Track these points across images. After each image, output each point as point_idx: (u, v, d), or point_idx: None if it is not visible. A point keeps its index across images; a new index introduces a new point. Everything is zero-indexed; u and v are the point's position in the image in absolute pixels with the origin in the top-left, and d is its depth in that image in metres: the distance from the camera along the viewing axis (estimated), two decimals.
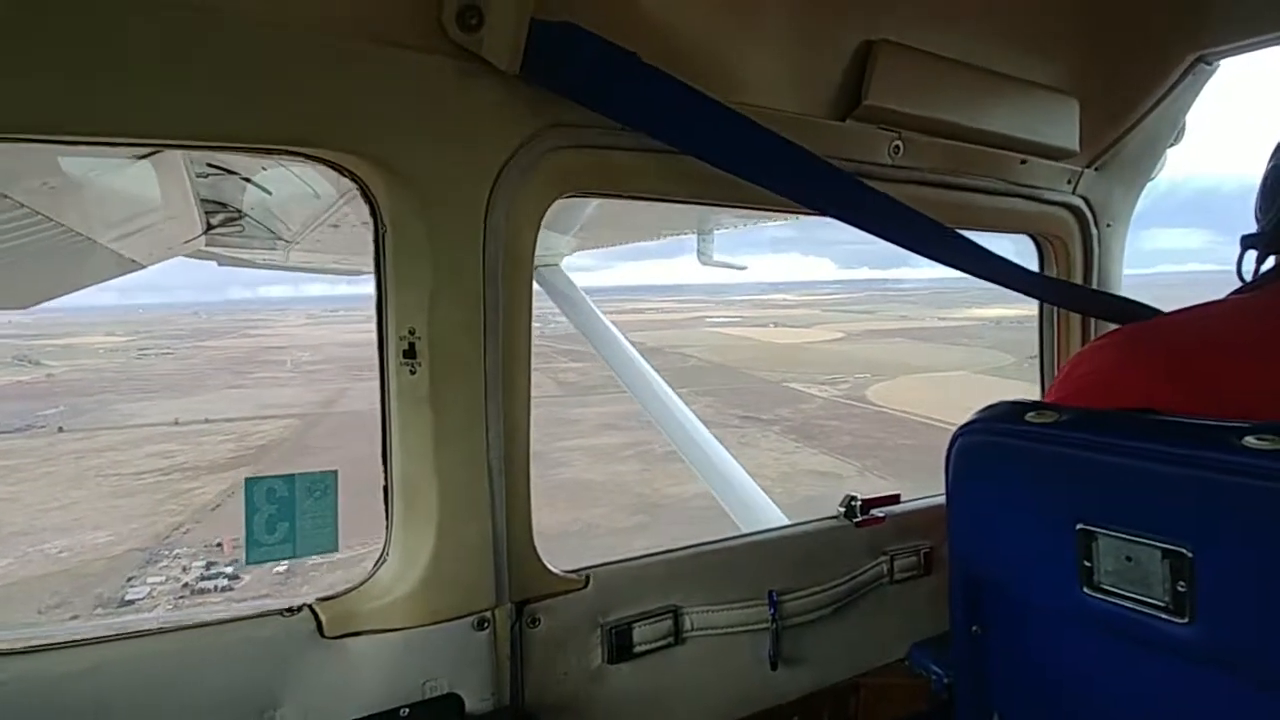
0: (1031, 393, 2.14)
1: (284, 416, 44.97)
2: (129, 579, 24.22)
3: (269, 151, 1.10)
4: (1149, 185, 2.21)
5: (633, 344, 4.34)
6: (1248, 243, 1.34)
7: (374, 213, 1.18)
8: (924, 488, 1.86)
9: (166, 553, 26.05)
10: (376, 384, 1.24)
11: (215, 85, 0.97)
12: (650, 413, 4.14)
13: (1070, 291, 2.00)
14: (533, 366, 1.34)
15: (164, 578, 24.18)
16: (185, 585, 23.53)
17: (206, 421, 44.53)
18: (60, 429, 43.43)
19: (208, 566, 24.71)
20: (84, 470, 35.46)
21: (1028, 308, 2.18)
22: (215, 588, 23.36)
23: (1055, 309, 2.15)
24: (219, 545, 25.92)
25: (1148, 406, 1.09)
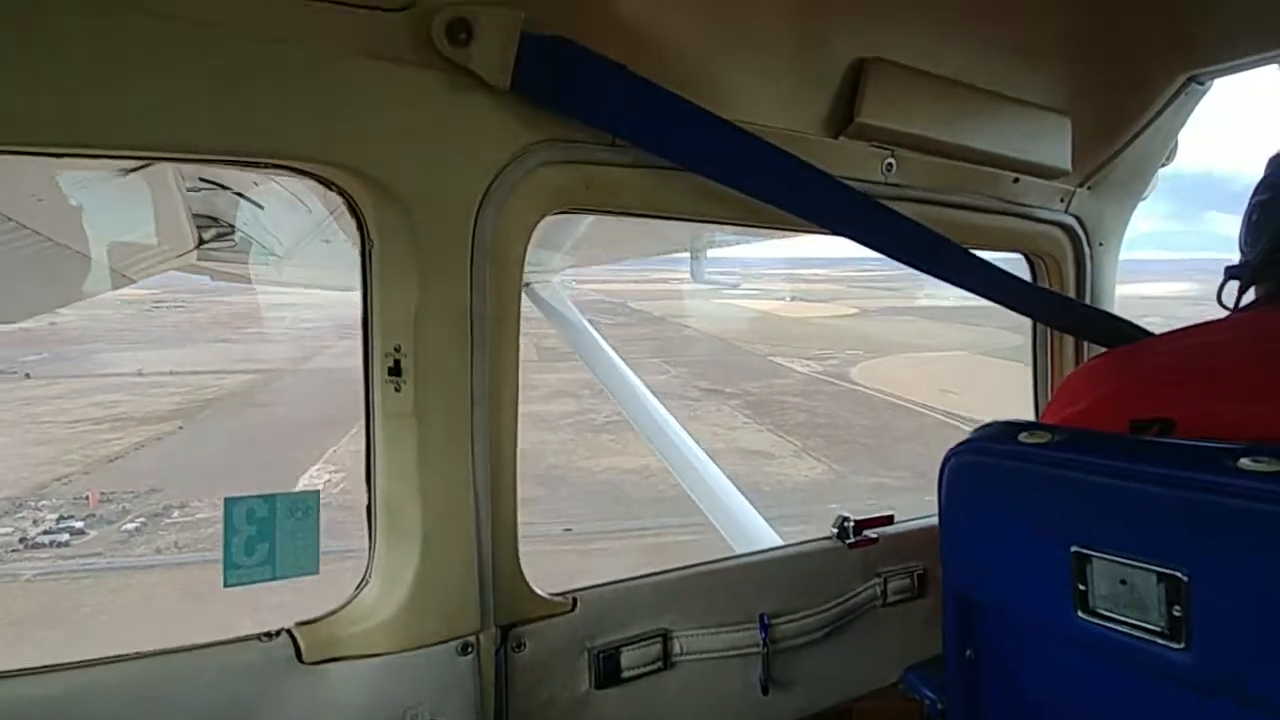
0: (1020, 376, 2.26)
1: (250, 372, 44.88)
2: None
3: (256, 165, 1.12)
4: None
5: (624, 359, 4.37)
6: (1232, 273, 1.39)
7: (361, 227, 1.21)
8: (859, 472, 1.91)
9: (32, 503, 25.98)
10: (358, 344, 1.26)
11: (202, 98, 1.00)
12: (642, 429, 4.16)
13: (1066, 308, 2.02)
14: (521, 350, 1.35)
15: (11, 529, 23.97)
16: (23, 540, 23.30)
17: (170, 374, 44.41)
18: (27, 375, 43.47)
19: (59, 521, 24.50)
20: (23, 416, 35.61)
21: None
22: (52, 543, 23.12)
23: (1049, 329, 2.20)
24: (85, 499, 25.85)
25: (1140, 428, 1.12)
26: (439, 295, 1.23)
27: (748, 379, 46.85)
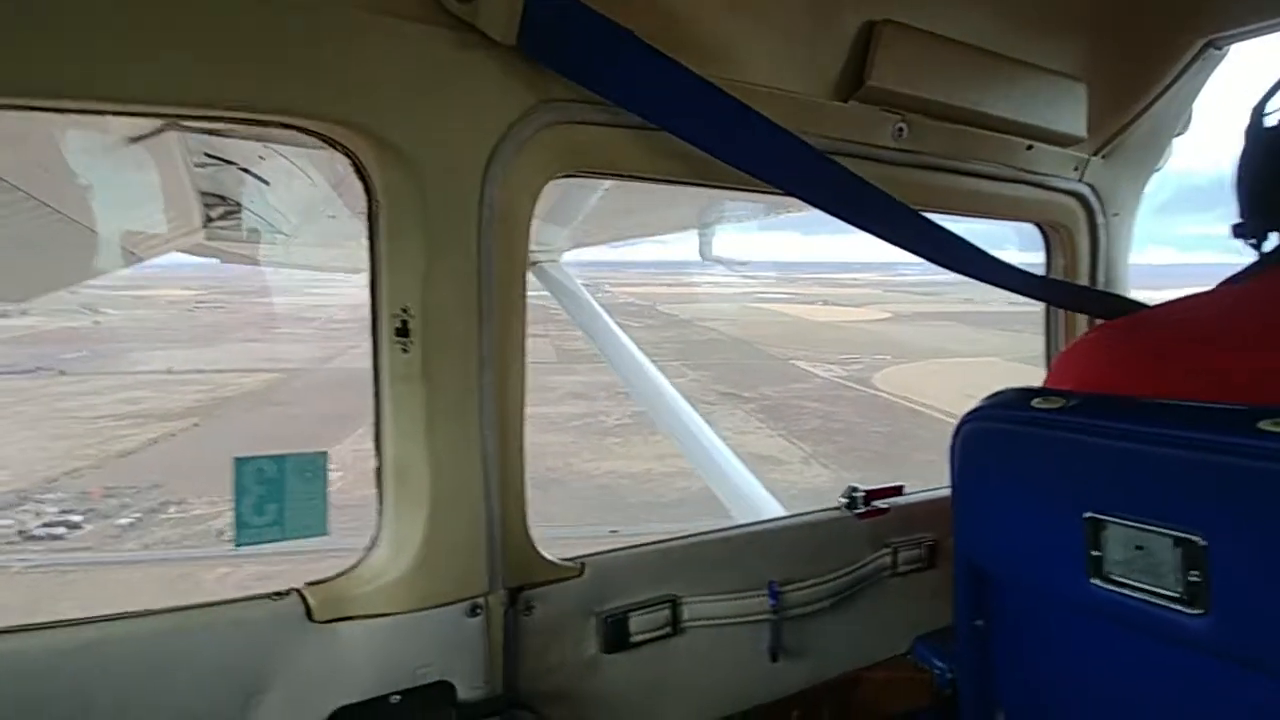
0: None
1: (274, 370, 46.19)
2: None
3: (260, 122, 1.12)
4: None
5: (622, 305, 4.40)
6: (1238, 231, 1.39)
7: (367, 189, 1.21)
8: (866, 481, 1.90)
9: (38, 496, 26.50)
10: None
11: (204, 50, 1.00)
12: (651, 409, 4.20)
13: (1071, 293, 2.03)
14: (529, 338, 1.37)
15: (12, 522, 24.41)
16: (21, 532, 23.71)
17: (198, 372, 45.84)
18: (61, 372, 44.81)
19: (59, 513, 24.90)
20: (50, 411, 36.69)
21: None
22: (48, 535, 23.47)
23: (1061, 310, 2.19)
24: (89, 493, 26.39)
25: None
26: (446, 256, 1.24)
27: (767, 383, 46.80)
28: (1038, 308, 2.23)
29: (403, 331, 1.23)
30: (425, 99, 1.18)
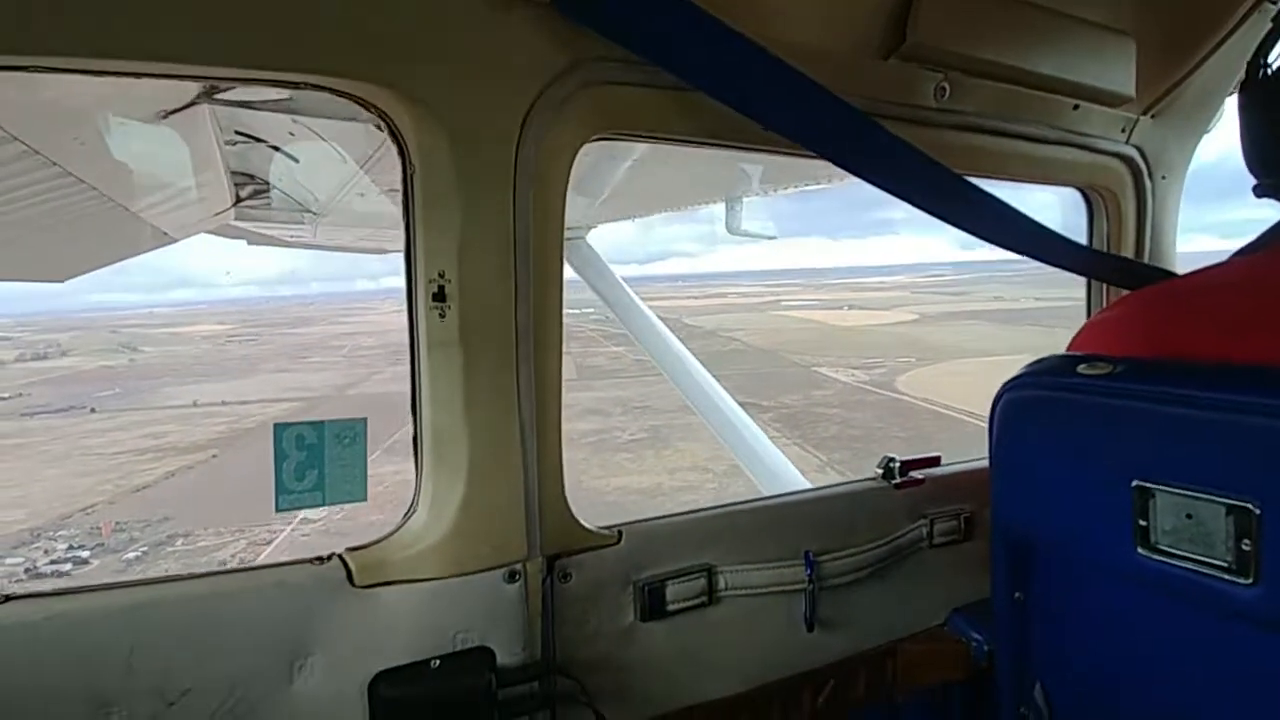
0: None
1: (299, 399, 47.38)
2: None
3: (293, 83, 1.13)
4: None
5: (659, 315, 4.49)
6: (1260, 192, 1.38)
7: (401, 152, 1.20)
8: None
9: (51, 533, 27.36)
10: (403, 368, 1.28)
11: (237, 9, 1.00)
12: (675, 381, 4.26)
13: (1120, 267, 1.97)
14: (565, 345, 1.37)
15: (22, 559, 25.20)
16: (28, 570, 24.31)
17: (223, 404, 47.26)
18: (92, 410, 46.83)
19: (68, 550, 25.60)
20: (76, 449, 38.09)
21: None
22: (54, 573, 23.91)
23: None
24: (99, 529, 27.13)
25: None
26: (483, 220, 1.23)
27: (787, 391, 47.15)
28: (1065, 302, 2.20)
29: (440, 296, 1.23)
30: (460, 59, 1.17)
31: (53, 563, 24.77)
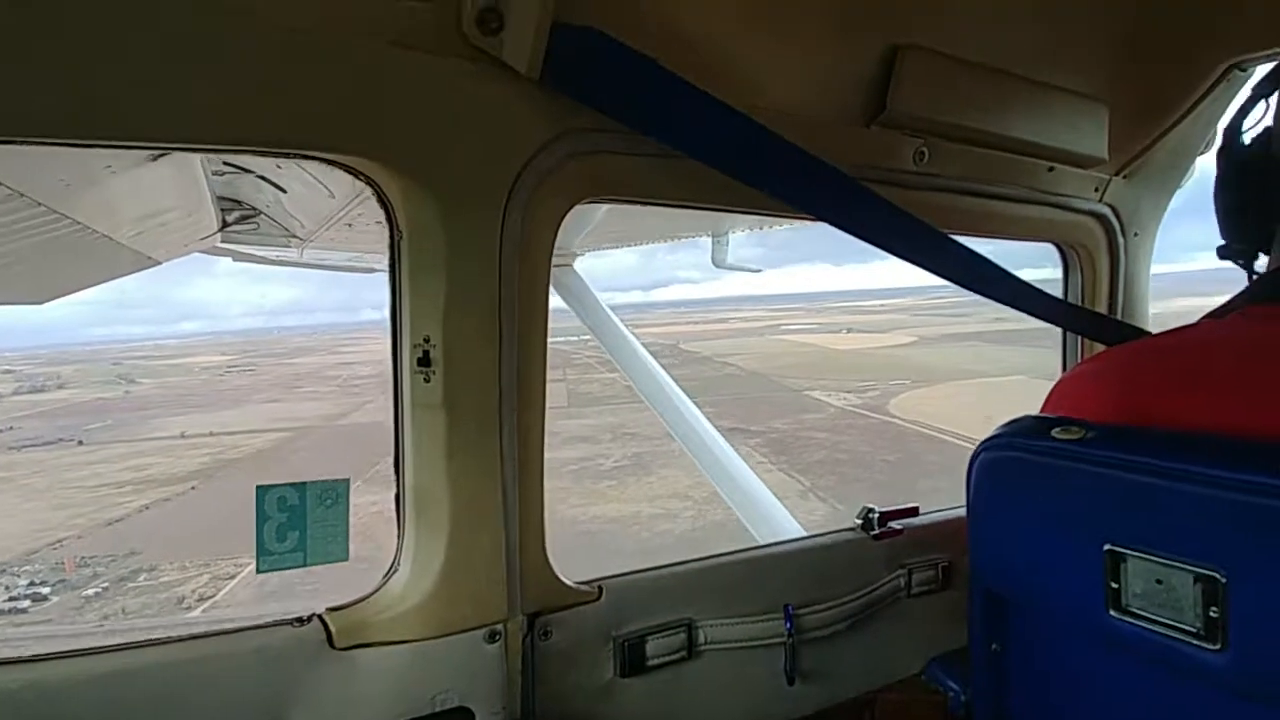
0: None
1: (285, 430, 47.11)
2: None
3: (284, 155, 1.17)
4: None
5: (655, 341, 4.51)
6: (1223, 253, 1.42)
7: (390, 218, 1.22)
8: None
9: (15, 569, 27.11)
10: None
11: (229, 88, 1.01)
12: (657, 409, 4.27)
13: (1091, 321, 2.02)
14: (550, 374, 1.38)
15: None
16: None
17: (210, 435, 46.89)
18: (80, 442, 46.81)
19: (28, 585, 25.41)
20: (58, 481, 37.91)
21: None
22: (12, 609, 23.83)
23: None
24: (62, 564, 26.92)
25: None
26: (468, 286, 1.25)
27: (777, 415, 47.06)
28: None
29: (424, 361, 1.24)
30: (448, 131, 1.18)
31: (11, 599, 24.48)
